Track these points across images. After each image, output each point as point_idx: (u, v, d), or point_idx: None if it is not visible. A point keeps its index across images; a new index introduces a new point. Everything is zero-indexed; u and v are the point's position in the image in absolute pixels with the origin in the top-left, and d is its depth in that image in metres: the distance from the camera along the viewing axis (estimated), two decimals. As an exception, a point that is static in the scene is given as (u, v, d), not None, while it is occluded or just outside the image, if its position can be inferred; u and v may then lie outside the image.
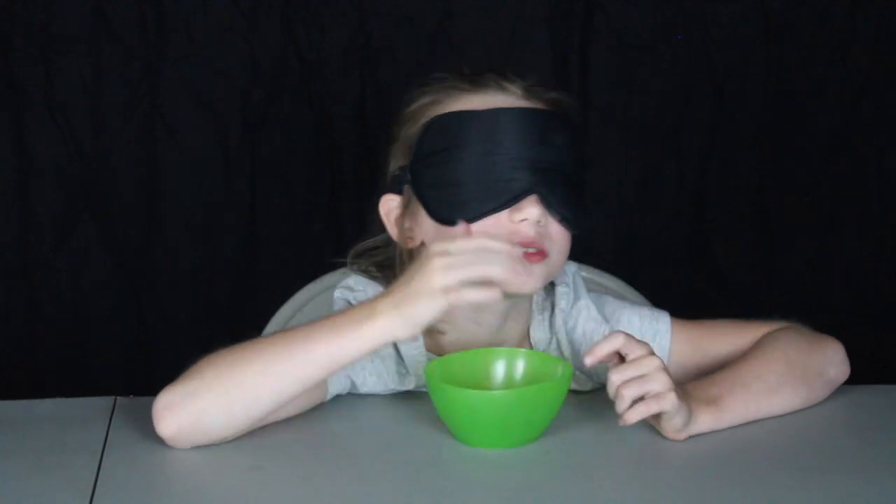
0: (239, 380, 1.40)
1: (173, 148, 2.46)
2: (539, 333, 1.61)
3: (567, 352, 1.60)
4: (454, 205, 1.51)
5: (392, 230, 1.59)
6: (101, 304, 2.49)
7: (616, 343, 1.42)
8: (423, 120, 1.55)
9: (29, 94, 2.42)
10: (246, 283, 2.45)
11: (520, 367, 1.51)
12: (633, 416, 1.40)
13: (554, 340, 1.61)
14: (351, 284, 1.61)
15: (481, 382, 1.50)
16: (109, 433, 1.45)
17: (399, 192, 1.58)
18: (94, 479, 1.34)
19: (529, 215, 1.49)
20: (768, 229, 2.60)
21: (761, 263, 2.60)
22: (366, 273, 1.62)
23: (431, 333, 1.56)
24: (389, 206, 1.59)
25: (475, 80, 1.56)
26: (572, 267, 1.64)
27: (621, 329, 1.51)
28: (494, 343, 1.56)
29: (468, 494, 1.34)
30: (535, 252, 1.50)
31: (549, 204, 1.50)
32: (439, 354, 1.54)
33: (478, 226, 1.50)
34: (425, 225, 1.55)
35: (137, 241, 2.49)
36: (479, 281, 1.37)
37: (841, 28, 2.53)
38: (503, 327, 1.58)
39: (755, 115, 2.56)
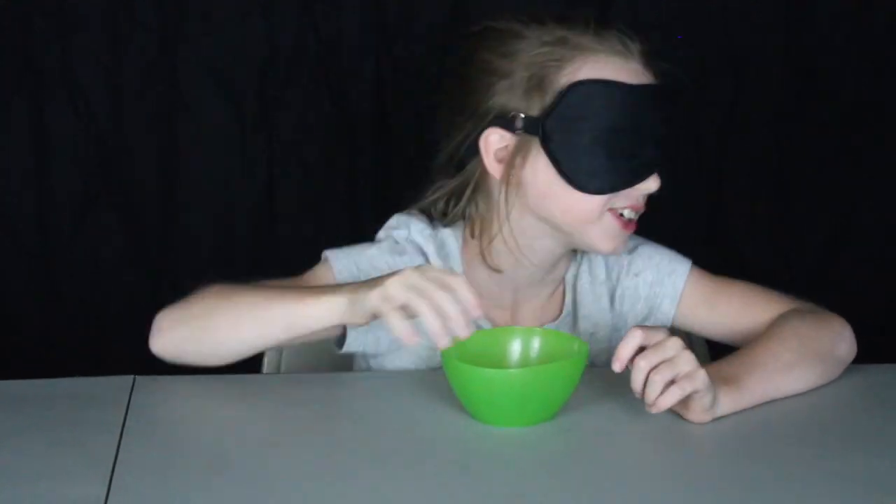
0: (213, 324, 1.51)
1: (191, 128, 2.46)
2: (573, 267, 1.68)
3: (602, 276, 1.67)
4: (587, 173, 1.55)
5: (492, 165, 1.59)
6: (119, 284, 2.49)
7: (636, 340, 1.41)
8: (561, 80, 1.55)
9: (46, 74, 2.42)
10: (263, 263, 2.46)
11: (536, 345, 1.52)
12: (667, 400, 1.39)
13: (586, 271, 1.67)
14: (393, 224, 1.66)
15: (498, 361, 1.51)
16: (129, 412, 1.46)
17: (512, 131, 1.58)
18: (113, 458, 1.34)
19: (650, 188, 1.58)
20: (787, 208, 2.59)
21: (780, 242, 2.59)
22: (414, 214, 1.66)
23: (468, 262, 1.63)
24: (493, 140, 1.59)
25: (601, 35, 1.57)
26: None
27: (642, 259, 1.66)
28: (543, 282, 1.65)
29: (485, 472, 1.34)
30: (633, 223, 1.59)
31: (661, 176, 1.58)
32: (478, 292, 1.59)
33: (589, 198, 1.55)
34: (541, 176, 1.57)
35: (155, 221, 2.49)
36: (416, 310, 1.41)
37: (858, 5, 2.52)
38: (556, 267, 1.65)
39: (773, 93, 2.55)
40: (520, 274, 1.64)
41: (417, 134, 1.64)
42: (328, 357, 1.78)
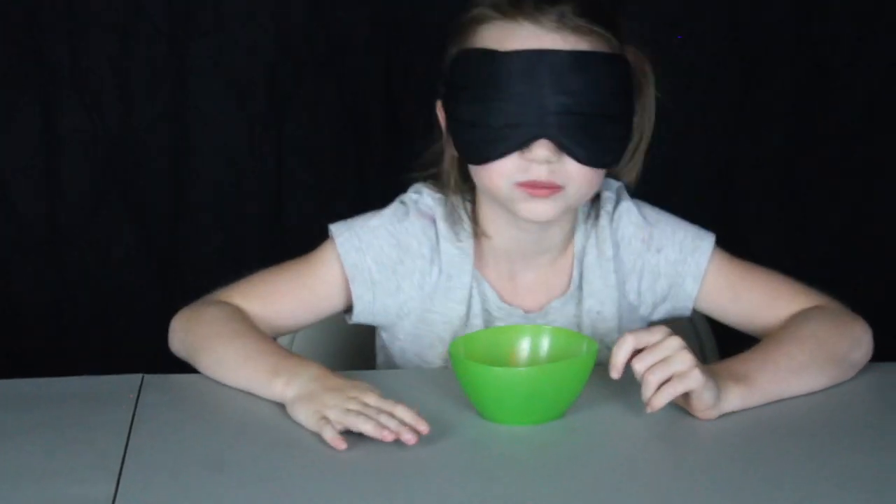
0: (199, 360, 1.56)
1: (200, 125, 2.47)
2: (581, 240, 1.64)
3: (609, 252, 1.63)
4: (472, 143, 1.54)
5: (445, 136, 1.62)
6: (128, 282, 2.50)
7: (628, 346, 1.41)
8: (454, 49, 1.57)
9: (56, 71, 2.42)
10: (272, 260, 2.45)
11: (545, 343, 1.51)
12: (660, 399, 1.39)
13: (593, 245, 1.64)
14: (409, 193, 1.67)
15: (506, 359, 1.50)
16: (137, 410, 1.46)
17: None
18: (121, 457, 1.35)
19: (536, 157, 1.51)
20: (798, 208, 2.59)
21: (791, 242, 2.59)
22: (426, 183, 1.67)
23: (479, 237, 1.63)
24: (439, 112, 1.62)
25: (514, 4, 1.54)
26: (617, 183, 1.67)
27: (665, 235, 1.64)
28: (538, 249, 1.62)
29: (493, 470, 1.34)
30: (543, 187, 1.52)
31: (561, 146, 1.51)
32: (484, 261, 1.63)
33: (492, 165, 1.53)
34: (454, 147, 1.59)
35: (164, 218, 2.49)
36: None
37: (870, 3, 2.51)
38: (546, 233, 1.61)
39: (783, 94, 2.54)
40: (507, 241, 1.62)
41: (427, 131, 1.64)
42: (340, 345, 1.79)
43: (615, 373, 1.41)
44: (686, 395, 1.42)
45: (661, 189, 2.50)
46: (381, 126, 2.50)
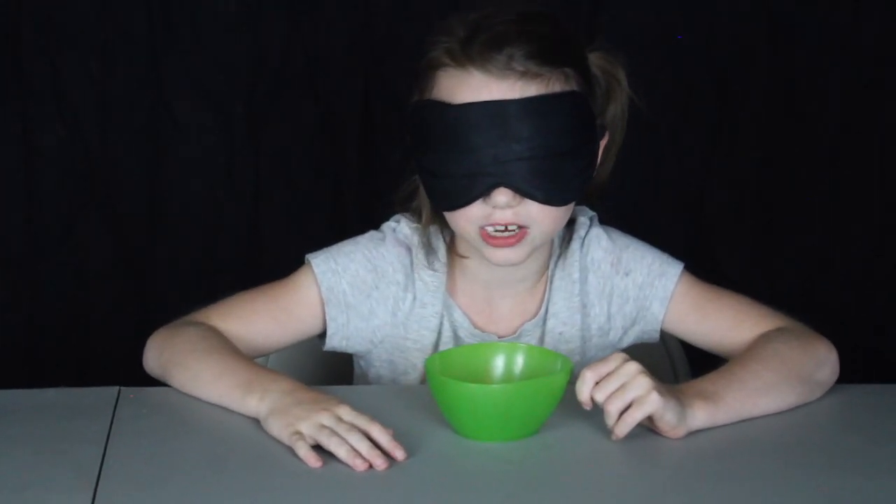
0: (174, 378, 1.56)
1: (178, 141, 2.48)
2: (553, 264, 1.66)
3: (576, 276, 1.65)
4: (437, 191, 1.57)
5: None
6: (105, 296, 2.50)
7: (589, 380, 1.42)
8: (415, 97, 1.59)
9: (35, 86, 2.43)
10: (248, 277, 2.46)
11: (519, 361, 1.53)
12: (622, 428, 1.41)
13: (561, 268, 1.66)
14: (388, 222, 1.69)
15: (481, 376, 1.52)
16: (114, 423, 1.47)
17: None
18: (98, 469, 1.35)
19: (497, 204, 1.53)
20: (769, 228, 2.61)
21: (762, 262, 2.61)
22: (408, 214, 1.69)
23: (453, 258, 1.65)
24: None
25: (464, 51, 1.54)
26: (590, 212, 1.70)
27: (634, 259, 1.65)
28: (515, 279, 1.64)
29: (468, 487, 1.35)
30: (508, 236, 1.55)
31: (519, 190, 1.53)
32: (457, 284, 1.65)
33: (457, 212, 1.55)
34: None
35: (141, 234, 2.50)
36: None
37: (844, 28, 2.54)
38: (520, 267, 1.62)
39: (757, 115, 2.57)
40: (484, 272, 1.64)
41: (404, 150, 1.65)
42: (320, 376, 1.80)
43: (587, 407, 1.43)
44: (651, 417, 1.43)
45: (635, 212, 2.54)
46: (357, 144, 2.51)
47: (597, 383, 1.42)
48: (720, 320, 1.64)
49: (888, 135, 2.58)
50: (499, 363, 1.53)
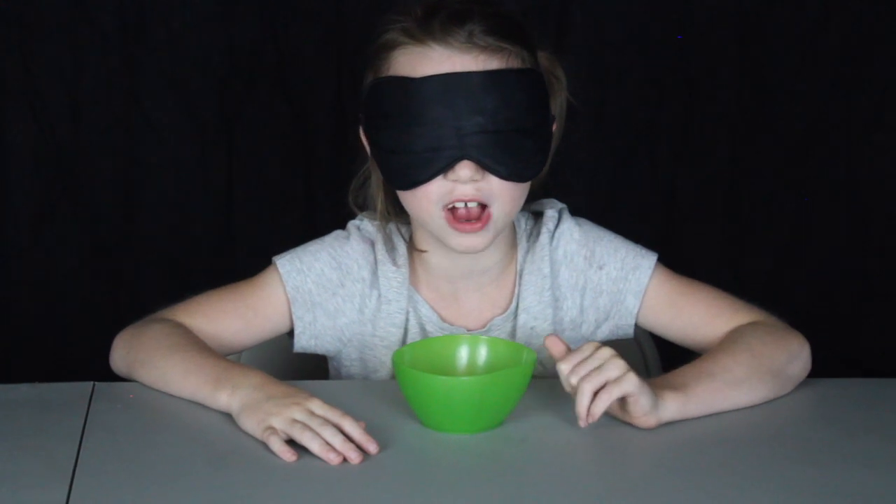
0: (144, 375, 1.56)
1: (150, 137, 2.47)
2: (521, 258, 1.66)
3: (546, 270, 1.65)
4: (396, 170, 1.56)
5: (371, 161, 1.64)
6: (78, 292, 2.50)
7: (564, 371, 1.43)
8: (370, 77, 1.59)
9: (7, 82, 2.42)
10: (222, 272, 2.46)
11: (483, 353, 1.54)
12: (598, 406, 1.41)
13: (531, 262, 1.65)
14: (353, 221, 1.68)
15: (446, 368, 1.52)
16: (88, 418, 1.47)
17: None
18: (73, 464, 1.35)
19: (459, 178, 1.53)
20: (738, 226, 2.62)
21: (731, 260, 2.62)
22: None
23: (414, 253, 1.64)
24: (362, 136, 1.63)
25: (423, 28, 1.55)
26: (560, 204, 1.70)
27: (607, 252, 1.65)
28: (476, 270, 1.63)
29: (435, 478, 1.36)
30: (473, 221, 1.55)
31: (483, 165, 1.53)
32: (421, 279, 1.64)
33: (418, 190, 1.55)
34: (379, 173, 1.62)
35: (114, 229, 2.49)
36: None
37: (812, 28, 2.56)
38: (481, 256, 1.62)
39: (727, 115, 2.58)
40: (444, 264, 1.64)
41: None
42: (282, 362, 1.80)
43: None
44: (623, 404, 1.43)
45: (606, 209, 2.55)
46: (330, 141, 2.51)
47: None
48: (694, 314, 1.64)
49: (856, 133, 2.59)
50: (462, 355, 1.54)
